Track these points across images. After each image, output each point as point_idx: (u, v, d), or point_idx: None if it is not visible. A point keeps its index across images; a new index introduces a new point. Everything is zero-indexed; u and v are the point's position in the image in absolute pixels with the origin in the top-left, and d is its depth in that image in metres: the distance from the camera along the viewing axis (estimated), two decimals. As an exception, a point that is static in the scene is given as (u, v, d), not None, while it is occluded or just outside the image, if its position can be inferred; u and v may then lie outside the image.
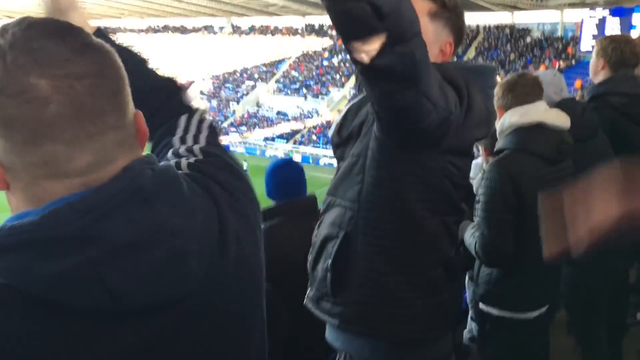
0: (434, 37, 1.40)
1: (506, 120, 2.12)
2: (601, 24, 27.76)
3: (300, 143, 36.24)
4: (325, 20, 45.28)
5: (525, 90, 2.14)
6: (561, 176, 2.08)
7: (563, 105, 2.27)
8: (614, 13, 27.07)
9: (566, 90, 2.44)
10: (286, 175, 2.54)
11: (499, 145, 2.16)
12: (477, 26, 37.53)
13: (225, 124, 41.16)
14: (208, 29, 52.67)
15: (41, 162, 0.67)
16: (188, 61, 50.24)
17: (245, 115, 41.85)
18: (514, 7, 33.87)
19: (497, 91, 2.16)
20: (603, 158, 2.29)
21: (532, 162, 2.05)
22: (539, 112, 2.10)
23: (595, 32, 28.17)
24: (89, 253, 0.64)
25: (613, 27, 27.11)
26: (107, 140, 0.70)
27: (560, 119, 2.12)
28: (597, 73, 2.62)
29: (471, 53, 36.51)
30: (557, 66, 32.10)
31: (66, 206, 0.66)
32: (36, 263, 0.63)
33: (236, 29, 51.08)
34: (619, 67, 2.54)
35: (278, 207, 2.44)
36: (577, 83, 26.03)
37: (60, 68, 0.65)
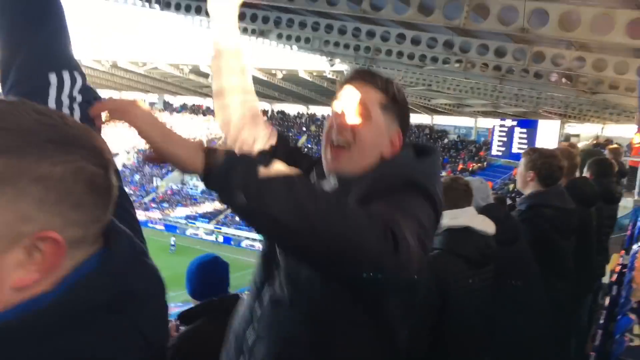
0: (385, 129, 1.36)
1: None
2: (510, 132, 30.36)
3: (223, 224, 35.84)
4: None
5: (457, 195, 2.29)
6: (484, 279, 2.20)
7: (489, 210, 2.46)
8: (520, 124, 29.79)
9: (491, 197, 2.66)
10: (212, 275, 2.42)
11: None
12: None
13: (146, 199, 40.21)
14: (138, 103, 52.38)
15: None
16: (114, 133, 49.41)
17: (169, 192, 41.16)
18: (433, 111, 36.55)
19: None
20: (524, 262, 2.51)
21: (459, 264, 2.16)
22: (468, 216, 2.25)
23: (505, 140, 30.73)
24: (128, 312, 0.72)
25: (520, 136, 29.72)
26: None
27: (486, 225, 2.27)
28: (527, 184, 2.83)
29: (394, 149, 38.46)
30: (471, 167, 34.50)
31: (95, 274, 0.71)
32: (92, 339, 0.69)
33: (167, 106, 51.28)
34: (548, 180, 2.77)
35: (201, 309, 2.31)
36: (488, 185, 27.94)
37: None
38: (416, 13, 8.41)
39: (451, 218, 2.22)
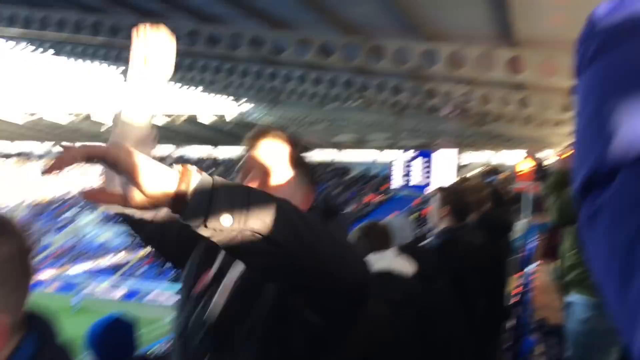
0: (297, 186, 1.33)
1: None
2: (409, 164, 31.76)
3: (129, 275, 34.03)
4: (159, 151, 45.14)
5: (378, 239, 2.32)
6: (405, 321, 2.21)
7: (409, 248, 2.51)
8: (419, 155, 31.29)
9: (412, 235, 2.71)
10: (115, 338, 2.27)
11: None
12: (305, 162, 40.39)
13: (40, 256, 37.39)
14: (27, 154, 49.28)
15: None
16: (1, 187, 45.94)
17: (64, 248, 38.60)
18: (337, 146, 37.53)
19: (351, 237, 2.35)
20: (446, 299, 2.56)
21: (379, 308, 2.13)
22: (389, 259, 2.27)
23: (405, 171, 32.09)
24: None
25: (418, 166, 31.18)
26: None
27: (407, 267, 2.30)
28: (441, 220, 2.93)
29: (300, 187, 38.85)
30: (374, 200, 35.60)
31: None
32: None
33: (60, 156, 48.49)
34: (459, 214, 2.90)
35: None
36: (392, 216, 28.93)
37: None
38: (316, 55, 8.71)
39: (373, 262, 2.22)
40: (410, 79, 10.84)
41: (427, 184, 29.63)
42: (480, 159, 32.90)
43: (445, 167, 29.39)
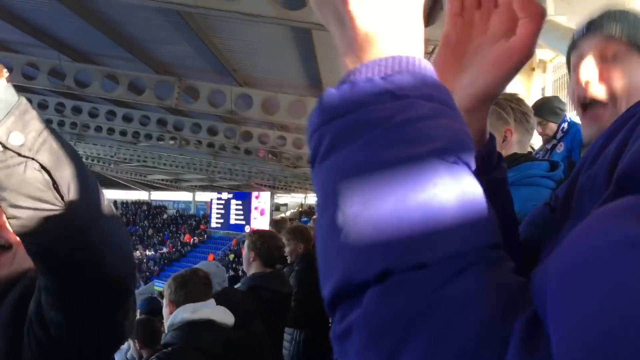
0: None
1: (178, 316, 2.18)
2: (227, 204, 31.71)
3: None
4: None
5: (197, 288, 2.27)
6: None
7: (225, 294, 2.48)
8: (236, 196, 31.45)
9: (226, 280, 2.68)
10: None
11: (165, 339, 2.19)
12: (115, 201, 38.06)
13: None
14: None
15: None
16: None
17: None
18: (150, 186, 35.95)
19: (169, 285, 2.28)
20: (260, 345, 2.52)
21: (199, 357, 2.09)
22: (210, 309, 2.23)
23: (223, 212, 31.94)
24: None
25: (237, 207, 31.29)
26: None
27: (227, 317, 2.27)
28: (250, 264, 2.93)
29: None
30: (192, 241, 34.65)
31: None
32: None
33: None
34: (267, 259, 2.90)
35: None
36: (210, 257, 28.44)
37: None
38: (126, 92, 8.26)
39: (192, 312, 2.17)
40: (225, 121, 10.86)
41: (245, 224, 29.90)
42: (296, 200, 34.18)
43: (262, 208, 29.96)
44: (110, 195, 38.39)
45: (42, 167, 0.81)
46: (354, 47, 0.42)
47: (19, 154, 0.80)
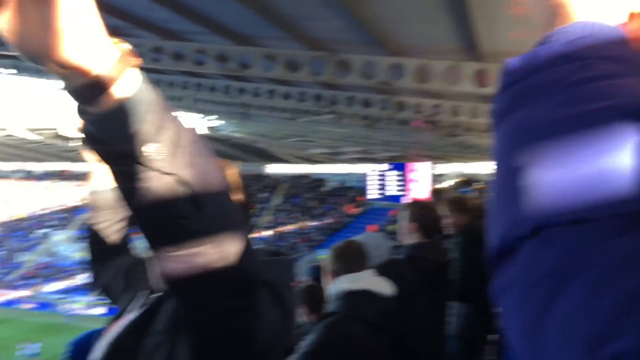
0: None
1: (338, 286, 2.24)
2: (384, 176, 31.90)
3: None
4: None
5: (353, 259, 2.31)
6: (381, 343, 2.16)
7: (389, 265, 2.50)
8: (393, 168, 31.45)
9: (389, 251, 2.66)
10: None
11: (329, 308, 2.25)
12: (279, 176, 40.46)
13: (11, 277, 36.41)
14: (-4, 173, 48.20)
15: None
16: (-32, 207, 44.73)
17: (37, 267, 37.65)
18: (310, 161, 37.50)
19: (329, 256, 2.36)
20: (423, 317, 2.52)
21: (358, 328, 2.12)
22: (367, 279, 2.26)
23: (380, 183, 32.21)
24: None
25: (393, 179, 31.31)
26: None
27: (386, 288, 2.28)
28: (408, 236, 2.89)
29: (278, 199, 38.77)
30: (352, 212, 35.60)
31: None
32: None
33: (30, 175, 47.53)
34: (426, 230, 2.84)
35: None
36: (371, 227, 28.99)
37: None
38: (283, 70, 8.62)
39: (351, 282, 2.22)
40: (378, 92, 10.83)
41: (402, 195, 29.82)
42: (454, 169, 33.18)
43: (420, 179, 29.58)
44: (273, 169, 40.84)
45: (182, 180, 0.71)
46: (548, 18, 0.45)
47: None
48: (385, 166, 31.70)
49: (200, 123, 25.25)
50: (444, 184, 30.36)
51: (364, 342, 2.11)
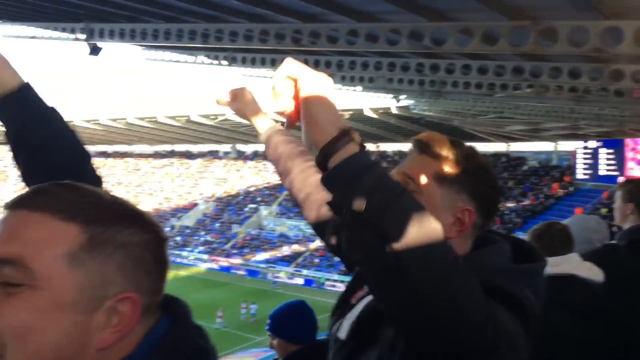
0: (442, 204, 1.16)
1: None
2: (595, 154, 28.78)
3: (303, 266, 36.00)
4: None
5: (554, 242, 2.14)
6: (589, 331, 1.98)
7: (604, 251, 2.30)
8: (606, 144, 28.19)
9: (609, 236, 2.42)
10: (307, 317, 2.52)
11: None
12: (475, 154, 38.92)
13: (227, 246, 41.23)
14: (213, 154, 54.71)
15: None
16: (192, 185, 51.52)
17: (247, 238, 42.04)
18: (508, 138, 35.41)
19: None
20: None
21: (560, 314, 1.93)
22: (571, 263, 2.07)
23: (590, 162, 29.13)
24: None
25: (607, 157, 28.06)
26: None
27: (593, 273, 2.08)
28: (626, 217, 2.61)
29: (470, 180, 37.52)
30: (557, 193, 32.83)
31: (170, 336, 0.80)
32: None
33: (241, 154, 53.00)
34: None
35: (300, 354, 2.37)
36: (578, 211, 26.46)
37: None
38: (480, 43, 8.17)
39: (552, 265, 1.97)
40: (589, 61, 9.71)
41: (618, 175, 26.58)
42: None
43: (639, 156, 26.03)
44: (469, 148, 39.50)
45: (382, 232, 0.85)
46: None
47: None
48: (597, 143, 28.59)
49: (392, 103, 25.46)
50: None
51: (567, 329, 1.93)
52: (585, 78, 10.34)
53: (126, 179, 56.03)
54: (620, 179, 25.86)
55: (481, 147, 38.94)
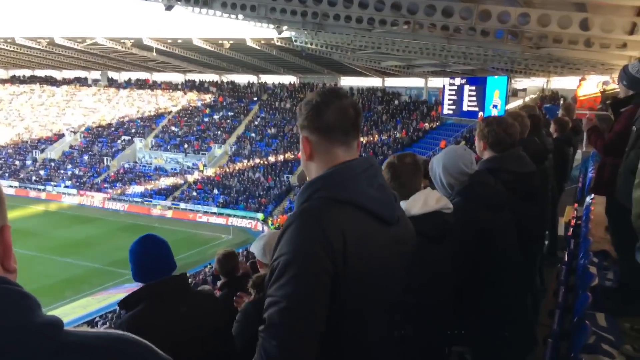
0: (302, 142, 1.48)
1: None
2: (460, 90, 30.79)
3: (180, 199, 35.35)
4: (206, 77, 45.48)
5: (408, 177, 2.18)
6: (444, 257, 2.15)
7: (476, 177, 2.48)
8: (470, 82, 30.22)
9: (475, 163, 2.57)
10: (146, 254, 2.33)
11: None
12: (351, 88, 39.95)
13: (98, 180, 39.14)
14: (80, 81, 50.47)
15: None
16: (56, 114, 47.53)
17: (121, 171, 40.17)
18: (384, 73, 36.63)
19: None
20: (510, 230, 2.54)
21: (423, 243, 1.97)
22: (425, 199, 2.14)
23: (455, 98, 31.17)
24: None
25: (470, 93, 30.18)
26: None
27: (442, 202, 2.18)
28: (482, 153, 2.90)
29: (347, 113, 38.52)
30: (423, 127, 34.96)
31: None
32: None
33: (112, 82, 49.51)
34: (497, 147, 2.82)
35: (140, 292, 2.24)
36: (442, 143, 28.49)
37: None
38: (363, -24, 8.28)
39: (413, 207, 2.11)
40: (462, 0, 10.25)
41: (478, 111, 28.85)
42: (536, 84, 31.47)
43: (498, 93, 28.33)
44: (347, 82, 40.36)
45: None
46: None
47: None
48: (462, 80, 30.54)
49: (274, 34, 25.03)
50: (525, 99, 28.98)
51: (424, 256, 1.98)
52: (457, 17, 10.94)
53: (-24, 107, 50.15)
54: (480, 115, 28.12)
55: (359, 81, 39.97)
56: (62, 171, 40.99)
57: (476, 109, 29.41)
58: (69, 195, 37.76)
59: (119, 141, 43.17)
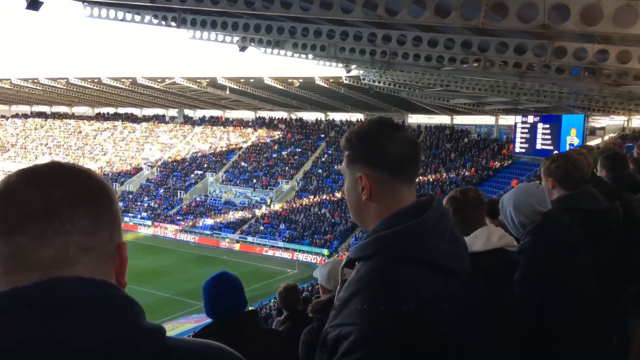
0: (351, 176, 1.30)
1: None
2: (533, 128, 29.89)
3: (248, 233, 35.98)
4: (275, 114, 46.71)
5: (469, 211, 2.14)
6: (505, 299, 2.02)
7: (550, 216, 2.34)
8: (544, 120, 29.31)
9: (549, 202, 2.46)
10: (219, 293, 2.39)
11: None
12: (419, 125, 39.69)
13: (171, 212, 40.59)
14: (159, 118, 53.19)
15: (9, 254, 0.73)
16: (136, 149, 50.09)
17: (192, 204, 41.52)
18: (452, 111, 36.22)
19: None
20: (587, 272, 2.36)
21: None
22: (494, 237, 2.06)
23: (527, 136, 30.27)
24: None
25: (544, 132, 29.22)
26: (70, 240, 0.76)
27: (508, 240, 2.09)
28: (550, 193, 2.71)
29: (415, 151, 38.26)
30: (494, 165, 34.06)
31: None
32: None
33: (188, 119, 51.82)
34: (567, 183, 2.67)
35: (211, 327, 2.30)
36: (514, 183, 27.58)
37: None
38: (433, 15, 8.28)
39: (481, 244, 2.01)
40: (535, 37, 10.02)
41: (552, 149, 27.81)
42: (615, 122, 30.07)
43: (575, 132, 27.27)
44: (414, 120, 40.23)
45: None
46: None
47: None
48: (535, 118, 29.66)
49: (343, 72, 25.45)
50: (603, 138, 27.70)
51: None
52: (530, 54, 10.69)
53: (66, 142, 53.77)
54: (555, 153, 26.97)
55: (427, 119, 39.73)
56: (139, 203, 42.90)
57: (551, 147, 28.37)
58: (144, 227, 39.36)
59: (192, 175, 44.82)
